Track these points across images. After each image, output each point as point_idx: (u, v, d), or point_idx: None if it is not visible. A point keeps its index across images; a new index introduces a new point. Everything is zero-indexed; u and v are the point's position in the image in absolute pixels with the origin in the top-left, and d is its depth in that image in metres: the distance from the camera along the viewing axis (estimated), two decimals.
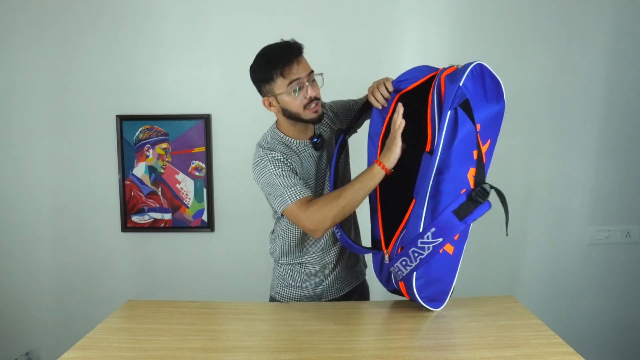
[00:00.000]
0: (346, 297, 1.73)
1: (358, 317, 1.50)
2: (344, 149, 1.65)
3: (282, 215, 1.53)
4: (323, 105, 1.61)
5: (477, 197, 1.36)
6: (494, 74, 1.38)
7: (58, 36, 2.48)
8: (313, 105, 1.47)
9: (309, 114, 1.48)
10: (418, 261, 1.38)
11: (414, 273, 1.39)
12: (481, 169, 1.38)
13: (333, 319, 1.44)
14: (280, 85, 1.45)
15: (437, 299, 1.47)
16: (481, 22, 2.44)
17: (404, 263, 1.40)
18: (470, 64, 1.36)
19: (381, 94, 1.49)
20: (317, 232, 1.45)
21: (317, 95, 1.49)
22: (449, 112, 1.34)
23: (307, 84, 1.45)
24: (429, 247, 1.36)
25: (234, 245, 2.56)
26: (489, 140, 1.43)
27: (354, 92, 1.78)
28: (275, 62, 1.43)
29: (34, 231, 2.60)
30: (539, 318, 1.42)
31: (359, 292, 1.79)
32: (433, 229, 1.36)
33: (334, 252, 1.66)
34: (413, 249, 1.38)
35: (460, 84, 1.33)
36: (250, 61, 1.52)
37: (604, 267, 2.59)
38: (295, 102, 1.46)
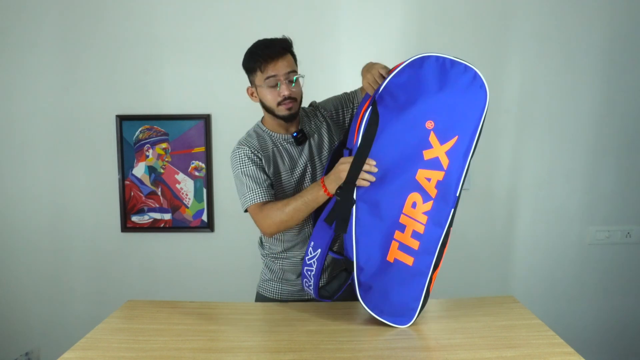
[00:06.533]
0: None
1: (358, 317, 1.50)
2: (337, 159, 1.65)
3: (245, 211, 1.61)
4: (317, 106, 1.69)
5: (337, 197, 1.35)
6: (451, 60, 1.25)
7: (58, 36, 2.48)
8: (286, 102, 1.52)
9: (281, 110, 1.54)
10: (312, 279, 1.38)
11: (357, 281, 1.36)
12: (355, 165, 1.29)
13: (333, 319, 1.44)
14: (259, 78, 1.52)
15: (394, 314, 1.37)
16: (480, 22, 2.44)
17: (306, 283, 1.42)
18: (412, 57, 1.27)
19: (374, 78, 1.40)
20: (266, 234, 1.57)
21: (292, 95, 1.53)
22: (368, 110, 1.29)
23: (283, 82, 1.50)
24: (314, 262, 1.34)
25: (233, 245, 2.56)
26: (455, 137, 1.27)
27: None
28: (256, 56, 1.50)
29: (34, 231, 2.60)
30: (539, 318, 1.42)
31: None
32: (312, 243, 1.36)
33: None
34: (305, 267, 1.39)
35: (384, 84, 1.27)
36: None
37: (604, 267, 2.59)
38: (268, 97, 1.53)
